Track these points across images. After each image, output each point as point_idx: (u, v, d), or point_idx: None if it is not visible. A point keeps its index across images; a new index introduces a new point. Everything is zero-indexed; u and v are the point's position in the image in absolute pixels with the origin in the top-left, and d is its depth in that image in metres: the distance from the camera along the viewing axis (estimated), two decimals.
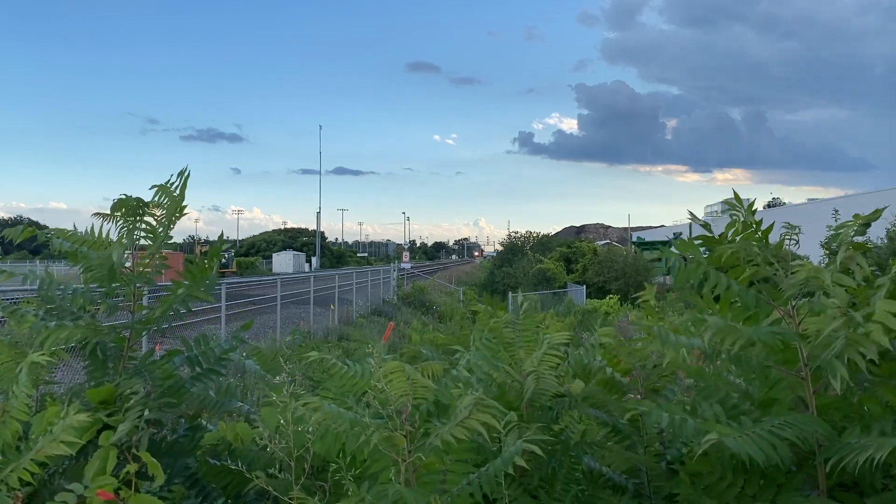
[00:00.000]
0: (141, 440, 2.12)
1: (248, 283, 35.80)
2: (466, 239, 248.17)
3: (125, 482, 2.01)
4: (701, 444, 1.66)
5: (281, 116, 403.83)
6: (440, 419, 1.98)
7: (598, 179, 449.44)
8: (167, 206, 2.44)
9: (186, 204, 2.43)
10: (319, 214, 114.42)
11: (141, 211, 2.42)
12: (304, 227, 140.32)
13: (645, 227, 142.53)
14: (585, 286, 39.78)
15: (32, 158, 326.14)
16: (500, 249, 67.86)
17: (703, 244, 2.03)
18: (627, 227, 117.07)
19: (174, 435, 2.54)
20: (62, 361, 2.58)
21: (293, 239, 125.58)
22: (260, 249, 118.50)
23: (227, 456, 2.41)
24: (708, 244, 2.02)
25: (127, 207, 2.39)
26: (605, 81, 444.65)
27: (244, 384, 7.41)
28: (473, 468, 1.84)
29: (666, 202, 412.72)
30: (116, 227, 2.43)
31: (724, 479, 2.02)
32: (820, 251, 22.14)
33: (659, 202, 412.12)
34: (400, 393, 1.84)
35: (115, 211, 2.41)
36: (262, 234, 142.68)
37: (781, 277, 1.95)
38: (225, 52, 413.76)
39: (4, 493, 1.88)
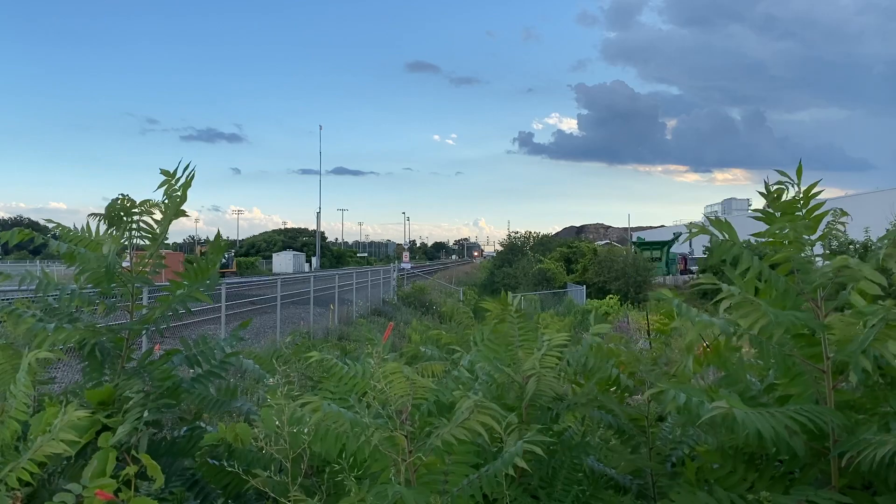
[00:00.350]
0: (140, 441, 2.11)
1: (248, 283, 35.78)
2: (466, 239, 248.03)
3: (125, 482, 2.00)
4: (709, 410, 1.63)
5: (281, 116, 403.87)
6: (442, 417, 1.97)
7: (597, 179, 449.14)
8: (167, 205, 2.43)
9: (185, 208, 2.42)
10: (319, 214, 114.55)
11: (138, 210, 2.41)
12: (303, 227, 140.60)
13: (645, 227, 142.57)
14: (585, 286, 39.74)
15: (32, 158, 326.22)
16: (499, 249, 67.82)
17: (760, 218, 2.03)
18: (627, 227, 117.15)
19: (174, 435, 2.54)
20: (60, 361, 2.57)
21: (293, 239, 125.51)
22: (260, 249, 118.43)
23: (226, 457, 2.40)
24: (767, 220, 2.01)
25: (123, 207, 2.38)
26: (604, 81, 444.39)
27: (244, 384, 7.40)
28: (474, 469, 1.84)
29: (666, 202, 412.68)
30: (114, 227, 2.42)
31: (734, 472, 2.00)
32: (818, 249, 22.06)
33: (659, 202, 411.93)
34: (400, 393, 1.83)
35: (110, 212, 2.40)
36: (261, 234, 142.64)
37: (813, 265, 1.94)
38: (224, 51, 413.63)
39: (4, 493, 1.87)
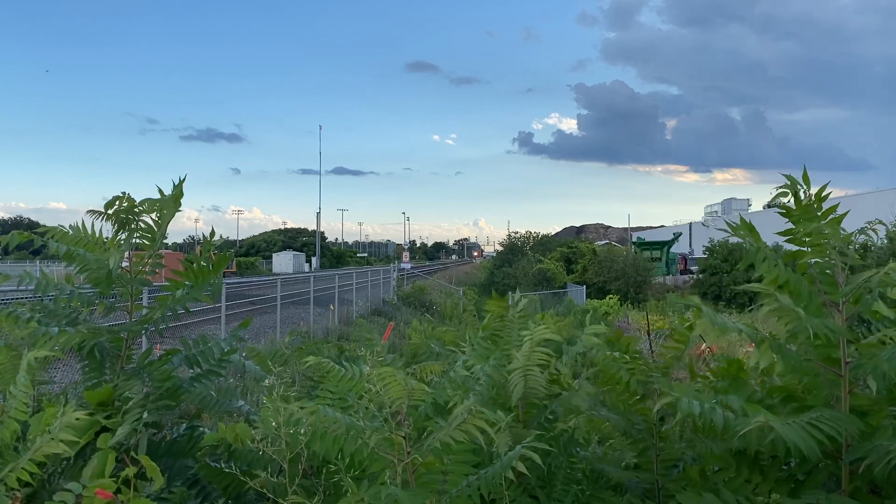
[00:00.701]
0: (140, 442, 2.10)
1: (247, 283, 35.75)
2: (466, 239, 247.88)
3: (125, 482, 1.99)
4: (749, 425, 1.62)
5: (280, 116, 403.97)
6: (440, 417, 1.97)
7: (597, 179, 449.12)
8: (161, 209, 2.42)
9: (184, 209, 2.42)
10: (319, 214, 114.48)
11: (137, 210, 2.40)
12: (303, 227, 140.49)
13: (645, 227, 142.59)
14: (585, 286, 39.70)
15: (32, 158, 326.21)
16: (499, 250, 67.75)
17: (786, 216, 1.98)
18: (627, 227, 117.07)
19: (174, 435, 2.53)
20: (59, 361, 2.57)
21: (293, 239, 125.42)
22: (260, 249, 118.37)
23: (226, 457, 2.39)
24: (793, 218, 1.97)
25: (128, 209, 2.38)
26: (604, 81, 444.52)
27: (244, 384, 7.39)
28: (473, 468, 1.84)
29: (666, 202, 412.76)
30: (112, 225, 2.42)
31: (738, 474, 2.00)
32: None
33: (659, 202, 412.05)
34: (395, 396, 1.83)
35: (108, 209, 2.39)
36: (261, 234, 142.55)
37: (839, 270, 1.92)
38: (224, 51, 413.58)
39: (3, 493, 1.87)
